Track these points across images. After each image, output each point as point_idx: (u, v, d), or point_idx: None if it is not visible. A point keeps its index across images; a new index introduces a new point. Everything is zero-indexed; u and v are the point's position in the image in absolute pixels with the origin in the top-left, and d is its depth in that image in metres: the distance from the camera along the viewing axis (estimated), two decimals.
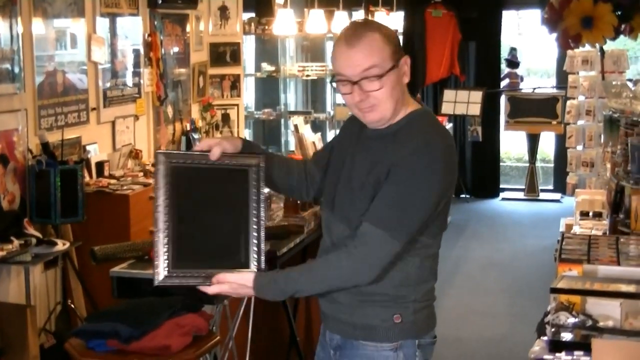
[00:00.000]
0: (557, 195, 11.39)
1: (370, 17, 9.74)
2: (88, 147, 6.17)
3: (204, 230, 2.60)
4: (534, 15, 12.93)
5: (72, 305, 5.49)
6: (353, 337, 2.68)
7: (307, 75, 10.93)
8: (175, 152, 2.62)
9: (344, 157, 2.72)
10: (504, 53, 12.72)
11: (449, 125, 10.26)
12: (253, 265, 2.61)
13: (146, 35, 7.15)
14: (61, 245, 5.17)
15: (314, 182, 2.90)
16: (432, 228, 2.61)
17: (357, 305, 2.64)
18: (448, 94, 11.12)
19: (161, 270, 2.53)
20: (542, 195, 11.41)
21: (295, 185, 2.90)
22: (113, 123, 6.62)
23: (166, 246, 2.54)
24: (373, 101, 2.56)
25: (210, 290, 2.56)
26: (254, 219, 2.63)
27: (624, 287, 3.04)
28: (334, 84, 2.62)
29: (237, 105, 8.82)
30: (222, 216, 2.62)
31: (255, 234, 2.62)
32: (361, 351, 2.67)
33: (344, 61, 2.55)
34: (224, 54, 8.65)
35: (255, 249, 2.62)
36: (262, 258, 2.63)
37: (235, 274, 2.56)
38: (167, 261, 2.53)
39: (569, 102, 10.11)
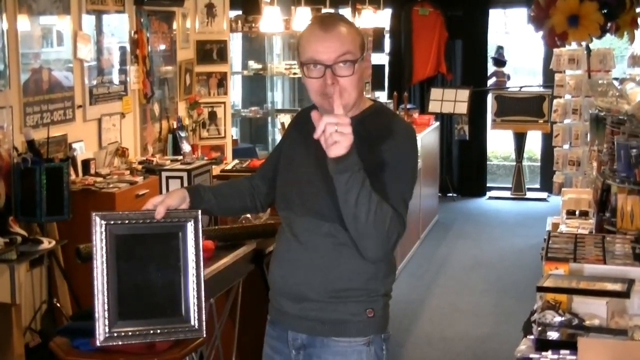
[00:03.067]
0: (543, 194, 11.42)
1: (357, 15, 9.74)
2: (74, 145, 6.14)
3: (144, 288, 2.68)
4: (521, 13, 12.96)
5: (58, 304, 5.46)
6: (322, 334, 2.67)
7: (294, 74, 10.89)
8: (112, 213, 2.71)
9: (297, 156, 2.75)
10: (491, 51, 12.73)
11: (435, 124, 10.25)
12: (194, 321, 2.71)
13: (132, 32, 7.13)
14: (47, 244, 5.15)
15: (261, 194, 3.00)
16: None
17: (327, 302, 2.64)
18: (435, 93, 11.12)
19: (102, 332, 2.63)
20: (529, 194, 11.43)
21: (250, 206, 3.03)
22: (99, 121, 6.59)
23: (106, 306, 2.62)
24: (341, 87, 2.58)
25: None
26: (193, 276, 2.70)
27: (610, 286, 3.05)
28: (304, 69, 2.61)
29: (224, 103, 8.80)
30: (162, 273, 2.69)
31: (194, 291, 2.70)
32: (333, 348, 2.67)
33: (320, 45, 2.57)
34: (211, 51, 8.63)
35: (196, 307, 2.71)
36: (203, 315, 2.72)
37: None
38: (107, 322, 2.63)
39: (555, 101, 10.13)
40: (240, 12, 10.63)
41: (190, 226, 2.71)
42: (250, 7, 10.49)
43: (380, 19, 10.70)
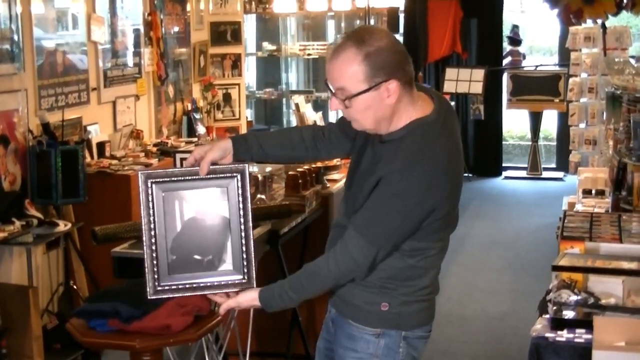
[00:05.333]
0: (559, 174, 11.37)
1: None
2: (89, 128, 6.16)
3: (192, 243, 2.66)
4: None
5: (75, 286, 5.49)
6: (342, 314, 2.73)
7: (309, 54, 10.89)
8: (157, 171, 2.68)
9: (362, 145, 2.72)
10: (506, 30, 12.66)
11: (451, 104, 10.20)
12: (243, 274, 2.67)
13: (146, 14, 7.12)
14: (63, 226, 5.17)
15: (328, 144, 2.90)
16: (426, 234, 2.59)
17: (349, 284, 2.67)
18: (450, 72, 11.08)
19: (152, 286, 2.65)
20: (545, 174, 11.38)
21: (301, 155, 2.96)
22: (114, 103, 6.60)
23: (155, 261, 2.64)
24: (348, 114, 2.58)
25: (222, 309, 2.69)
26: (241, 230, 2.68)
27: (626, 265, 3.04)
28: None
29: (239, 84, 8.80)
30: (209, 228, 2.67)
31: (243, 245, 2.67)
32: (347, 330, 2.71)
33: (326, 69, 2.57)
34: (225, 33, 8.62)
35: (245, 260, 2.68)
36: (252, 268, 2.68)
37: (238, 297, 2.65)
38: (156, 276, 2.65)
39: (571, 80, 10.06)
40: None
41: (236, 181, 2.67)
42: None
43: None
